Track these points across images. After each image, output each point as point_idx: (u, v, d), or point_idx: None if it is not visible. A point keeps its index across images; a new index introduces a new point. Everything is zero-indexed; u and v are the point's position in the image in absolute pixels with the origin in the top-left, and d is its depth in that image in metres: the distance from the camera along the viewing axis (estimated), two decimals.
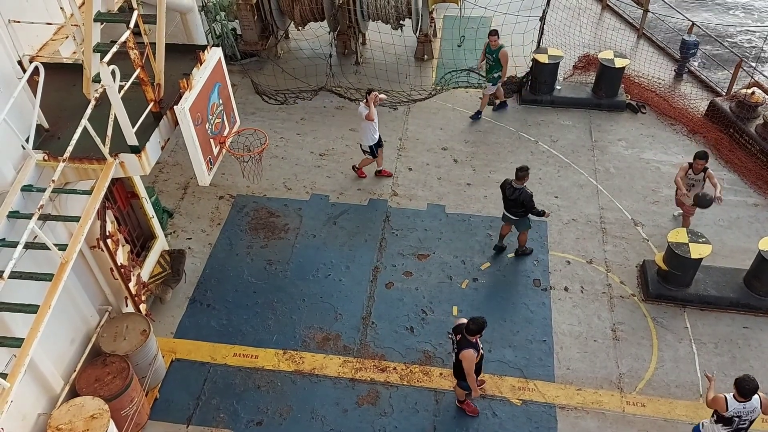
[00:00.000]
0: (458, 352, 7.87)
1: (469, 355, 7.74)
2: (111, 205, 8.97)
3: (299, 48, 15.87)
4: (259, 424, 8.78)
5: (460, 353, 7.81)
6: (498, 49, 12.87)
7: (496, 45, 12.84)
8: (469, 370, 7.86)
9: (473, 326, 7.66)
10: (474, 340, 7.76)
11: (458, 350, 7.87)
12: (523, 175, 9.89)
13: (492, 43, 12.88)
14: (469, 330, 7.69)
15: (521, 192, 9.92)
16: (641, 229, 11.32)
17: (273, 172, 12.48)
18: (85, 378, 7.98)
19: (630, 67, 14.39)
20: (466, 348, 7.75)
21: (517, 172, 9.91)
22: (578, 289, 10.37)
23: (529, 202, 9.93)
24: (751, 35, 19.24)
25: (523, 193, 9.91)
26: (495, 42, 12.83)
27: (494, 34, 12.85)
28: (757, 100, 12.73)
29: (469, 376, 7.93)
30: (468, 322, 7.72)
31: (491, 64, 13.10)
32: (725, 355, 9.46)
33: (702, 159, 10.32)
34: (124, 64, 6.59)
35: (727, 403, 7.22)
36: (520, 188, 9.93)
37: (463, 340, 7.79)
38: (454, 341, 8.01)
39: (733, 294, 10.04)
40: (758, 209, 11.72)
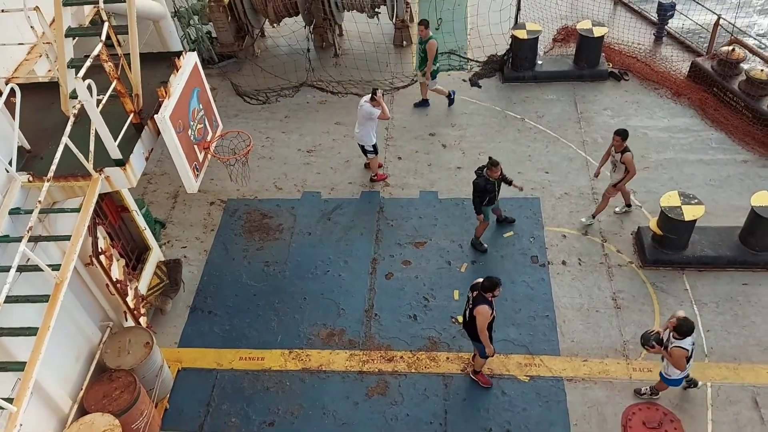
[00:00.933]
0: (473, 308, 8.03)
1: (483, 311, 7.93)
2: (101, 220, 8.92)
3: (276, 45, 15.78)
4: (271, 424, 8.80)
5: (475, 309, 7.98)
6: (426, 40, 12.40)
7: (426, 36, 12.38)
8: (483, 327, 8.02)
9: (487, 283, 7.92)
10: (489, 298, 7.95)
11: (473, 306, 8.03)
12: (491, 166, 9.75)
13: (420, 33, 12.48)
14: (483, 287, 7.93)
15: (478, 179, 9.88)
16: (633, 197, 11.33)
17: (262, 173, 12.44)
18: (92, 395, 7.97)
19: (609, 35, 14.35)
20: (481, 304, 7.95)
21: (488, 163, 9.82)
22: (576, 262, 10.40)
23: (476, 191, 9.90)
24: None
25: (477, 180, 9.87)
26: (423, 32, 12.37)
27: (423, 23, 12.41)
28: (738, 56, 12.73)
29: (482, 333, 8.08)
30: (483, 280, 7.99)
31: (421, 55, 12.73)
32: (727, 314, 9.50)
33: (617, 135, 9.88)
34: (100, 78, 6.53)
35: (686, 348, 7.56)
36: (481, 176, 9.86)
37: (479, 297, 8.01)
38: (470, 298, 8.18)
39: (730, 252, 10.07)
40: (748, 165, 11.75)
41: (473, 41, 15.16)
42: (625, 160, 9.98)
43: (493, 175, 9.79)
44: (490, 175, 9.79)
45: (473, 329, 8.19)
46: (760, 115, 12.14)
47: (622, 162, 10.02)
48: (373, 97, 11.11)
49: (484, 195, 9.91)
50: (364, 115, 11.19)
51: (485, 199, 9.97)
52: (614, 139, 9.97)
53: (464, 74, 14.49)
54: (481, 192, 9.89)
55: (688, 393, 8.65)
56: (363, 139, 11.55)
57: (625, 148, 9.96)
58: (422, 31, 12.40)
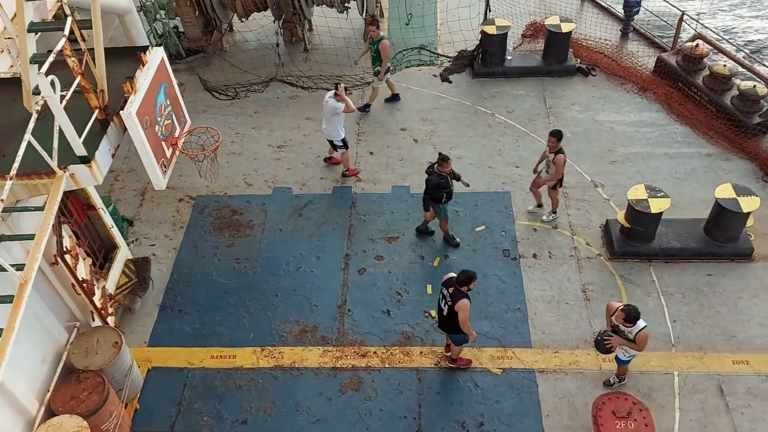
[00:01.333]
0: (453, 305, 8.11)
1: (465, 305, 8.06)
2: (67, 219, 8.75)
3: (245, 40, 15.61)
4: (243, 423, 8.73)
5: (456, 304, 8.08)
6: (379, 41, 12.42)
7: (377, 36, 12.41)
8: (466, 320, 8.14)
9: (463, 277, 8.02)
10: (466, 291, 8.05)
11: (453, 302, 8.11)
12: (442, 162, 9.74)
13: (372, 33, 12.46)
14: (459, 281, 8.05)
15: (431, 176, 9.87)
16: (601, 190, 11.50)
17: (231, 169, 12.31)
18: (60, 397, 7.82)
19: (576, 31, 14.51)
20: (461, 299, 8.06)
21: (439, 158, 9.82)
22: (546, 255, 10.51)
23: (431, 186, 9.89)
24: None
25: (431, 178, 9.86)
26: (375, 33, 12.40)
27: (373, 24, 12.48)
28: (702, 51, 12.98)
29: (465, 325, 8.19)
30: (458, 275, 8.08)
31: (373, 55, 12.75)
32: (693, 304, 9.71)
33: (552, 136, 9.91)
34: (64, 73, 6.39)
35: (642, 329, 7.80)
36: (434, 173, 9.86)
37: (456, 292, 8.10)
38: (446, 295, 8.25)
39: (695, 244, 10.28)
40: (712, 159, 12.00)
41: (443, 36, 15.19)
42: (557, 161, 10.04)
43: (444, 170, 9.78)
44: (442, 171, 9.78)
45: (453, 324, 8.25)
46: (723, 110, 12.40)
47: (554, 162, 10.08)
48: (336, 92, 11.06)
49: (439, 191, 9.90)
50: (329, 111, 11.17)
51: (443, 196, 9.96)
52: (549, 140, 10.02)
53: (435, 69, 14.52)
54: (435, 188, 9.88)
55: (655, 382, 8.82)
56: (331, 134, 11.51)
57: (559, 150, 10.01)
58: (374, 31, 12.40)
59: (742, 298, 9.74)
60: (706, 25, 13.86)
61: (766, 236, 10.53)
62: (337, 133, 11.44)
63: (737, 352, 9.11)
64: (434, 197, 10.03)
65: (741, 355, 9.06)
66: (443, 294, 8.34)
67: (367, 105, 13.41)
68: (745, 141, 12.06)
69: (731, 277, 10.04)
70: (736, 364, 8.96)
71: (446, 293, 8.26)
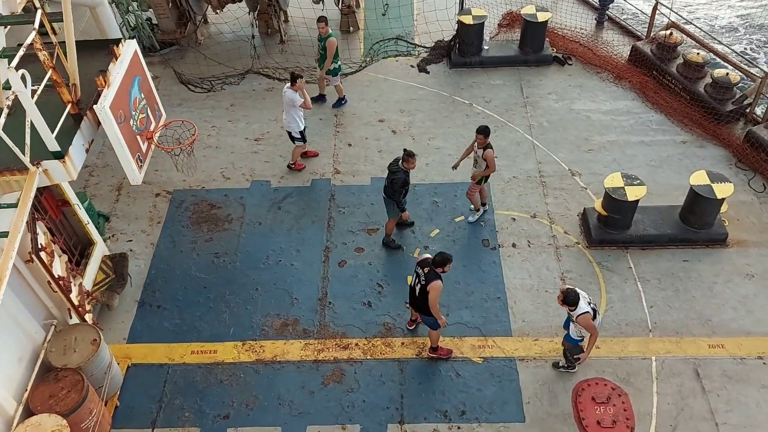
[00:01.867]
0: (426, 284, 8.17)
1: (437, 286, 8.11)
2: (41, 215, 8.60)
3: (220, 32, 15.44)
4: (225, 417, 8.70)
5: (429, 284, 8.13)
6: (326, 37, 12.20)
7: (326, 32, 12.18)
8: (435, 301, 8.20)
9: (439, 258, 8.08)
10: (440, 273, 8.14)
11: (426, 282, 8.17)
12: (408, 158, 9.63)
13: (321, 30, 12.20)
14: (436, 262, 8.11)
15: (397, 174, 9.71)
16: (579, 179, 11.60)
17: (208, 163, 12.20)
18: (38, 396, 7.71)
19: (552, 20, 14.59)
20: (435, 279, 8.12)
21: (405, 155, 9.66)
22: (525, 244, 10.59)
23: (396, 186, 9.75)
24: None
25: (398, 175, 9.71)
26: (324, 29, 12.14)
27: (322, 20, 12.15)
28: (676, 40, 13.13)
29: (434, 307, 8.25)
30: (435, 255, 8.14)
31: (321, 53, 12.54)
32: (669, 289, 9.85)
33: (480, 133, 9.83)
34: (35, 68, 6.28)
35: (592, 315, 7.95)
36: (400, 170, 9.71)
37: (431, 273, 8.16)
38: (421, 275, 8.29)
39: (671, 230, 10.43)
40: (686, 146, 12.16)
41: (420, 27, 15.19)
42: (486, 156, 9.98)
43: (410, 166, 9.69)
44: (407, 167, 9.70)
45: (425, 304, 8.32)
46: (697, 97, 12.56)
47: (483, 158, 10.05)
48: (293, 82, 10.93)
49: (405, 188, 9.81)
50: (287, 102, 11.10)
51: (405, 193, 9.89)
52: (477, 137, 9.92)
53: (412, 60, 14.50)
54: (403, 185, 9.76)
55: (633, 367, 8.95)
56: (290, 126, 11.44)
57: (487, 145, 9.99)
58: (322, 28, 12.16)
59: (717, 282, 9.92)
60: (680, 13, 13.99)
61: (740, 222, 10.73)
62: (296, 125, 11.37)
63: (712, 335, 9.28)
64: (394, 196, 9.89)
65: (716, 339, 9.23)
66: (417, 273, 8.39)
67: (339, 99, 13.31)
68: (718, 128, 12.24)
69: (706, 262, 10.21)
70: (711, 348, 9.13)
71: (420, 272, 8.31)
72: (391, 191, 9.91)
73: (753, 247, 10.36)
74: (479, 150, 10.07)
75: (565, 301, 7.93)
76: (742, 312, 9.53)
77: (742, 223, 10.72)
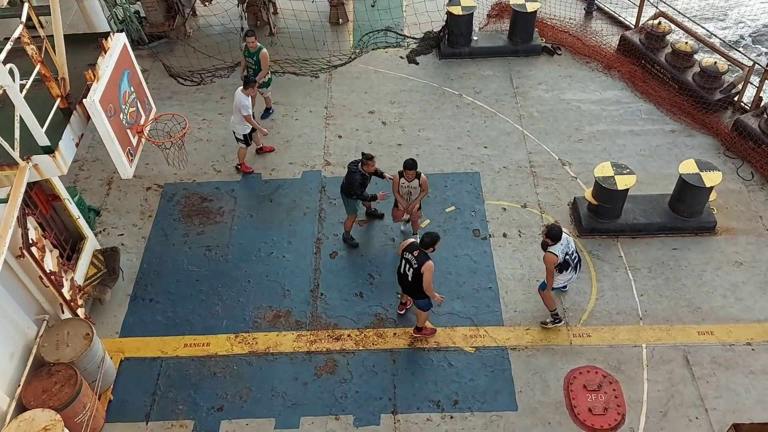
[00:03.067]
0: (419, 267, 8.30)
1: (430, 266, 8.29)
2: (31, 210, 8.57)
3: (209, 24, 15.36)
4: (219, 409, 8.73)
5: (422, 266, 8.27)
6: (257, 51, 11.75)
7: (255, 47, 11.71)
8: (430, 282, 8.36)
9: (428, 239, 8.31)
10: (430, 252, 8.37)
11: (419, 265, 8.31)
12: (367, 161, 9.55)
13: (250, 45, 11.68)
14: (424, 244, 8.33)
15: (355, 174, 9.67)
16: (569, 168, 11.66)
17: (199, 156, 12.17)
18: (31, 391, 7.70)
19: (541, 10, 14.60)
20: (427, 261, 8.29)
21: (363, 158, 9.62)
22: (516, 234, 10.64)
23: (354, 185, 9.70)
24: None
25: (355, 175, 9.67)
26: (253, 44, 11.67)
27: (250, 35, 11.66)
28: (664, 29, 13.18)
29: (428, 287, 8.41)
30: (422, 237, 8.37)
31: (253, 68, 11.98)
32: (659, 278, 9.94)
33: (409, 169, 9.56)
34: (23, 62, 6.24)
35: (555, 254, 8.37)
36: (358, 171, 9.66)
37: (422, 255, 8.33)
38: (411, 259, 8.41)
39: (660, 219, 10.51)
40: (675, 135, 12.24)
41: (409, 18, 15.17)
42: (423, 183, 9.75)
43: (369, 169, 9.64)
44: (367, 170, 9.64)
45: (418, 288, 8.48)
46: (685, 86, 12.63)
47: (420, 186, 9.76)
48: (246, 85, 10.74)
49: (359, 189, 9.77)
50: (236, 104, 10.88)
51: (356, 193, 9.83)
52: (406, 173, 9.64)
53: (401, 51, 14.49)
54: (360, 185, 9.74)
55: (624, 355, 9.04)
56: (235, 127, 11.22)
57: (417, 174, 9.70)
58: (252, 42, 11.66)
59: (706, 270, 10.01)
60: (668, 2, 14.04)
61: (729, 210, 10.82)
62: (241, 128, 11.14)
63: (702, 323, 9.38)
64: (348, 192, 9.90)
65: (705, 326, 9.33)
66: (407, 258, 8.48)
67: (267, 109, 12.93)
68: (707, 117, 12.31)
69: (695, 250, 10.30)
70: (701, 335, 9.23)
71: (410, 257, 8.41)
72: (349, 190, 9.86)
73: (741, 235, 10.46)
74: (412, 182, 9.75)
75: (549, 235, 8.34)
76: (731, 299, 9.64)
77: (731, 211, 10.82)
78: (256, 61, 11.90)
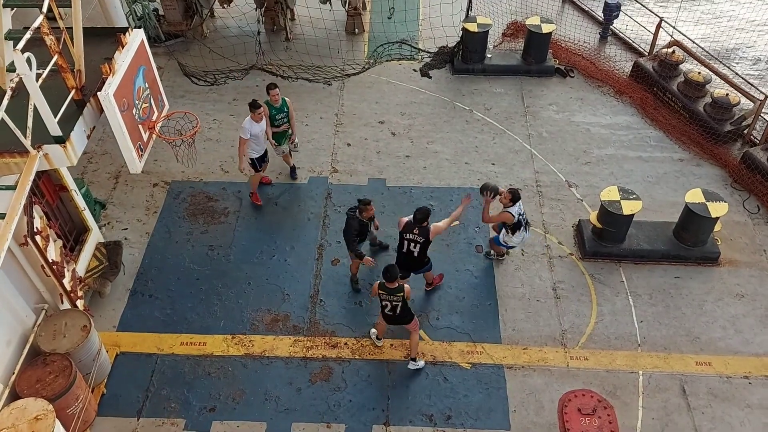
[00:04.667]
0: (426, 238, 8.91)
1: (435, 229, 8.93)
2: (38, 199, 8.61)
3: (226, 26, 15.46)
4: (212, 410, 8.70)
5: (430, 235, 8.89)
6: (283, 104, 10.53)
7: (279, 101, 10.44)
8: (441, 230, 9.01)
9: (420, 215, 8.78)
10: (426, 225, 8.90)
11: (425, 237, 8.90)
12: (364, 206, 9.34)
13: (273, 99, 10.35)
14: (419, 219, 8.79)
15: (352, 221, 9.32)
16: (575, 190, 11.67)
17: (208, 156, 12.21)
18: (25, 379, 7.71)
19: (557, 32, 14.67)
20: (429, 228, 8.87)
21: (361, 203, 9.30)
22: (519, 252, 10.63)
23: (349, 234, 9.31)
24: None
25: (352, 222, 9.31)
26: (276, 97, 10.34)
27: (273, 87, 10.34)
28: (678, 58, 13.21)
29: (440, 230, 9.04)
30: (414, 214, 8.82)
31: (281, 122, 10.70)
32: (659, 305, 9.91)
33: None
34: (41, 51, 6.29)
35: (512, 213, 9.29)
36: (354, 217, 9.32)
37: (422, 229, 8.88)
38: (415, 237, 8.92)
39: (664, 246, 10.49)
40: (683, 164, 12.24)
41: (425, 32, 15.25)
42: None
43: (368, 214, 9.34)
44: (364, 216, 9.34)
45: (422, 260, 9.14)
46: (696, 116, 12.64)
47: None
48: (252, 108, 10.01)
49: (356, 235, 9.38)
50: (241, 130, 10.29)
51: (357, 238, 9.44)
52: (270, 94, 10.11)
53: (415, 64, 14.56)
54: (359, 233, 9.41)
55: (620, 380, 9.00)
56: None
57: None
58: (275, 96, 10.32)
59: (707, 301, 9.98)
60: (683, 32, 14.08)
61: (733, 241, 10.80)
62: (250, 152, 10.56)
63: (700, 353, 9.34)
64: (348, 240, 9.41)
65: (704, 357, 9.29)
66: (409, 239, 8.95)
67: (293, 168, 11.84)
68: (716, 148, 12.31)
69: (697, 280, 10.27)
70: (698, 365, 9.19)
71: (413, 236, 8.91)
72: (346, 237, 9.46)
73: (744, 268, 10.43)
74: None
75: (513, 198, 9.25)
76: (730, 331, 9.60)
77: (735, 243, 10.79)
78: (285, 113, 10.68)
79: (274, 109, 10.49)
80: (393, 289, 8.30)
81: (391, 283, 8.23)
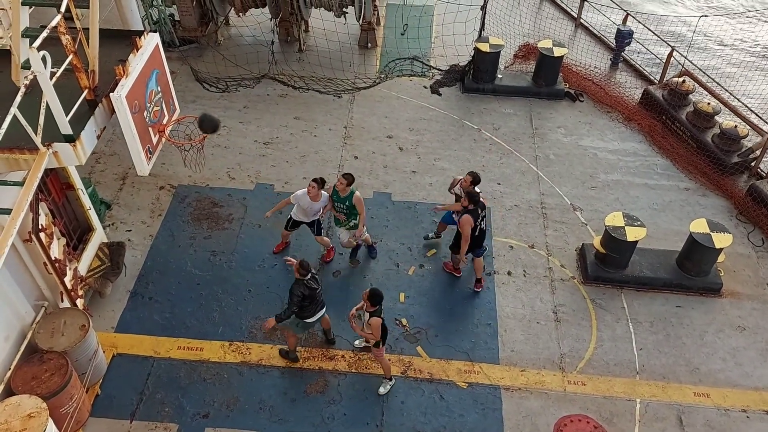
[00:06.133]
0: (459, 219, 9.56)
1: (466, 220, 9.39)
2: (45, 196, 8.64)
3: (240, 35, 15.59)
4: (205, 416, 8.66)
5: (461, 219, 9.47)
6: (350, 196, 9.70)
7: (346, 191, 9.65)
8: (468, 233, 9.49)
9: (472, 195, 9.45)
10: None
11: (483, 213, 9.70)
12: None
13: (339, 186, 9.62)
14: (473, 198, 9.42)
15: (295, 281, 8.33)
16: (580, 214, 11.66)
17: (216, 162, 12.26)
18: (20, 376, 7.69)
19: (568, 56, 14.73)
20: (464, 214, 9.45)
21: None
22: (521, 273, 10.61)
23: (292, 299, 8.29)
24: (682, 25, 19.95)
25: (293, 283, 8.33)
26: (343, 187, 9.60)
27: (348, 177, 9.62)
28: (688, 88, 13.25)
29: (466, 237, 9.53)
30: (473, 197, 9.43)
31: (344, 213, 9.91)
32: (660, 333, 9.86)
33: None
34: (56, 50, 6.34)
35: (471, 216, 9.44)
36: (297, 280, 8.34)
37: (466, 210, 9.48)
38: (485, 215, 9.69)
39: (667, 275, 10.45)
40: (689, 193, 12.23)
41: (437, 49, 15.34)
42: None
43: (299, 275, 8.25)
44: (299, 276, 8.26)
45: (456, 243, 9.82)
46: (703, 146, 12.65)
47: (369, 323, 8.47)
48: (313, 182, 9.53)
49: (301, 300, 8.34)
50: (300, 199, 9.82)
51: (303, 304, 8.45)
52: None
53: (425, 81, 14.63)
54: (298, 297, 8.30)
55: (617, 407, 8.93)
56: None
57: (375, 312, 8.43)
58: (341, 183, 9.59)
59: (708, 332, 9.93)
60: (694, 62, 14.13)
61: (736, 273, 10.76)
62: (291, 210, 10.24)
63: (699, 384, 9.27)
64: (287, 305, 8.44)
65: (702, 388, 9.23)
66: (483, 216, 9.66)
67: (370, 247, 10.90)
68: (722, 179, 12.31)
69: (699, 310, 10.22)
70: (696, 396, 9.12)
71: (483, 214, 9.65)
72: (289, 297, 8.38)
73: (746, 300, 10.38)
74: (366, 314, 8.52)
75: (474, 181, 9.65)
76: (730, 363, 9.54)
77: (738, 275, 10.75)
78: (350, 205, 9.78)
79: (336, 195, 9.78)
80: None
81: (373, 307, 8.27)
